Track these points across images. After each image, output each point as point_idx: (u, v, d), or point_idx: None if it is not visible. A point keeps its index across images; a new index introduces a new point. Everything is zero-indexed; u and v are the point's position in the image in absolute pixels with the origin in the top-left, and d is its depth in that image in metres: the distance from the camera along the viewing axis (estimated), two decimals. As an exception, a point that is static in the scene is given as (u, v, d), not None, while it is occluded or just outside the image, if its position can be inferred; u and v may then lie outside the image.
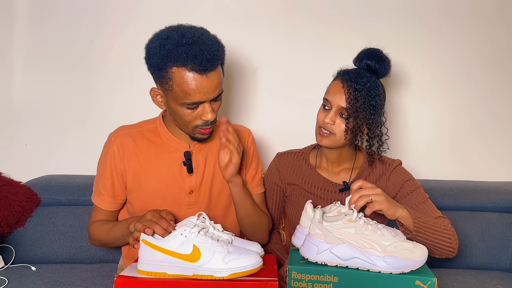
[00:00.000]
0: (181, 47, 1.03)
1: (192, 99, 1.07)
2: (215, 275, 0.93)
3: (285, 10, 1.75)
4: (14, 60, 1.74)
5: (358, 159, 1.34)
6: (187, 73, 1.04)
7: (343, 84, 1.19)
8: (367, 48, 1.26)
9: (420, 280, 0.92)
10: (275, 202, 1.39)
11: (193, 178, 1.23)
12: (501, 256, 1.59)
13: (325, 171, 1.34)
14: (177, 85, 1.05)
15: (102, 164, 1.24)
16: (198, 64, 1.03)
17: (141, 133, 1.24)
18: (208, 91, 1.07)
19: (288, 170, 1.36)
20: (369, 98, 1.18)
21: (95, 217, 1.27)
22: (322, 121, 1.22)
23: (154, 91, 1.15)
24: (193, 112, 1.10)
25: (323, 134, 1.23)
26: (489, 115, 1.82)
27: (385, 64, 1.23)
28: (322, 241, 0.96)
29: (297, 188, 1.34)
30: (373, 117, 1.19)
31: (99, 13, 1.73)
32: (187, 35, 1.04)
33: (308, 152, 1.38)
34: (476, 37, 1.79)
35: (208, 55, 1.03)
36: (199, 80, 1.05)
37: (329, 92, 1.22)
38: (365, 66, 1.23)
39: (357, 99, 1.17)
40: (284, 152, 1.41)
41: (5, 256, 1.47)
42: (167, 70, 1.05)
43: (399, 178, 1.29)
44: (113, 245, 1.25)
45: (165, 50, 1.04)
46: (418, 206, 1.24)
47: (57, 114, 1.77)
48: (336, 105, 1.20)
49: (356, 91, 1.17)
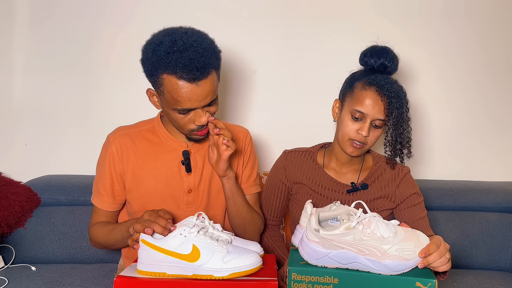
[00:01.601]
0: (172, 55, 1.02)
1: (183, 106, 1.07)
2: (214, 275, 0.93)
3: (284, 10, 1.74)
4: (14, 60, 1.74)
5: (366, 160, 1.34)
6: (177, 81, 1.04)
7: (381, 96, 1.15)
8: (377, 46, 1.22)
9: (421, 282, 0.91)
10: (278, 199, 1.38)
11: (191, 177, 1.23)
12: (501, 256, 1.59)
13: (333, 171, 1.33)
14: (168, 91, 1.06)
15: (101, 165, 1.24)
16: (187, 72, 1.02)
17: (139, 133, 1.24)
18: (199, 98, 1.06)
19: (295, 168, 1.35)
20: (404, 105, 1.16)
21: (95, 218, 1.27)
22: (356, 134, 1.18)
23: (150, 92, 1.15)
24: (186, 117, 1.10)
25: (357, 146, 1.20)
26: (489, 115, 1.82)
27: (396, 62, 1.21)
28: (320, 247, 0.95)
29: (304, 187, 1.33)
30: (406, 124, 1.18)
31: (99, 13, 1.73)
32: (179, 42, 1.03)
33: (315, 151, 1.37)
34: (477, 37, 1.78)
35: (197, 64, 1.02)
36: (189, 88, 1.04)
37: (364, 104, 1.16)
38: (378, 64, 1.19)
39: (396, 109, 1.14)
40: (292, 150, 1.39)
41: (5, 256, 1.47)
42: (158, 76, 1.05)
43: (407, 188, 1.28)
44: (114, 247, 1.25)
45: (156, 57, 1.04)
46: (416, 221, 1.26)
47: (57, 114, 1.77)
48: (372, 117, 1.16)
49: (394, 102, 1.14)
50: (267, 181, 1.41)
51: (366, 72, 1.22)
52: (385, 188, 1.29)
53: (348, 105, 1.21)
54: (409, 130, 1.20)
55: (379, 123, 1.18)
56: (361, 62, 1.25)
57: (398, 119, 1.16)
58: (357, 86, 1.20)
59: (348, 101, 1.21)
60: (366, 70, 1.23)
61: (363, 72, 1.23)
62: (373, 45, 1.24)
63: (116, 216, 1.30)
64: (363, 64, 1.25)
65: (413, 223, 1.26)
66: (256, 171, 1.36)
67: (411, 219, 1.26)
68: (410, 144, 1.22)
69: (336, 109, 1.28)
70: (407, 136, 1.20)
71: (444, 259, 0.94)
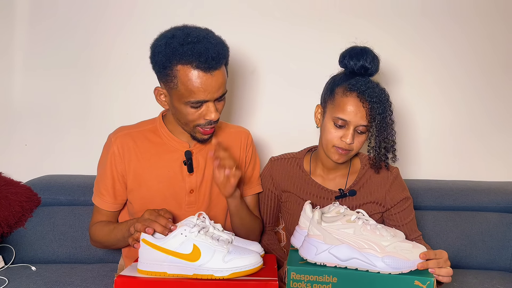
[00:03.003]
0: (187, 45, 1.04)
1: (197, 98, 1.07)
2: (215, 274, 0.93)
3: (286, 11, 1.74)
4: (14, 60, 1.74)
5: (353, 164, 1.31)
6: (192, 71, 1.05)
7: (363, 103, 1.12)
8: (356, 47, 1.18)
9: (419, 280, 0.92)
10: (269, 207, 1.38)
11: (193, 178, 1.23)
12: (501, 256, 1.59)
13: (319, 178, 1.31)
14: (182, 83, 1.06)
15: (102, 164, 1.24)
16: (203, 62, 1.04)
17: (141, 133, 1.24)
18: (213, 89, 1.07)
19: (281, 177, 1.33)
20: (387, 109, 1.13)
21: (96, 218, 1.27)
22: (340, 141, 1.16)
23: (158, 90, 1.15)
24: (197, 111, 1.10)
25: (342, 153, 1.17)
26: (489, 115, 1.82)
27: (377, 62, 1.17)
28: (321, 241, 0.96)
29: (292, 196, 1.32)
30: (390, 128, 1.15)
31: (99, 13, 1.73)
32: (192, 34, 1.06)
33: (302, 157, 1.35)
34: (476, 36, 1.79)
35: (213, 54, 1.04)
36: (204, 78, 1.05)
37: (346, 112, 1.13)
38: (358, 67, 1.15)
39: (379, 115, 1.12)
40: (278, 157, 1.37)
41: (5, 256, 1.47)
42: (172, 68, 1.06)
43: (398, 193, 1.27)
44: (114, 247, 1.25)
45: (171, 48, 1.04)
46: (404, 225, 1.26)
47: (57, 114, 1.77)
48: (355, 124, 1.14)
49: (376, 107, 1.11)
50: None
51: (346, 75, 1.18)
52: (375, 193, 1.27)
53: (329, 112, 1.18)
54: (393, 133, 1.17)
55: (363, 128, 1.15)
56: (341, 65, 1.21)
57: (382, 123, 1.13)
58: (337, 92, 1.16)
59: (330, 107, 1.18)
60: (346, 74, 1.19)
61: (343, 76, 1.19)
62: (352, 46, 1.19)
63: (117, 216, 1.30)
64: (343, 67, 1.20)
65: (403, 227, 1.26)
66: (258, 172, 1.36)
67: (401, 223, 1.26)
68: (395, 148, 1.19)
69: (318, 115, 1.25)
70: (392, 140, 1.17)
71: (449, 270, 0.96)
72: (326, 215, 1.05)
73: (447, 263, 0.97)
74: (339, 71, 1.24)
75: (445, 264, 0.96)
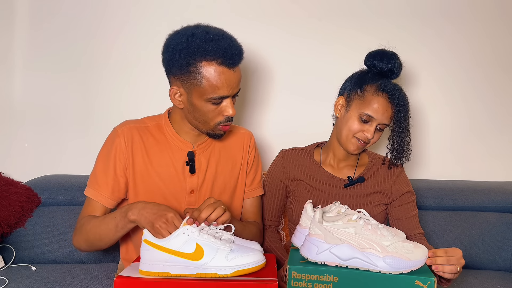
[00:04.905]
0: (210, 42, 1.05)
1: (220, 93, 1.09)
2: (219, 273, 0.93)
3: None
4: (15, 60, 1.74)
5: (362, 157, 1.39)
6: (217, 67, 1.07)
7: (391, 104, 1.22)
8: (386, 51, 1.26)
9: (420, 280, 0.92)
10: (276, 198, 1.40)
11: (194, 178, 1.23)
12: (501, 256, 1.59)
13: (330, 167, 1.36)
14: (206, 79, 1.07)
15: (105, 156, 1.21)
16: (228, 58, 1.06)
17: (146, 128, 1.23)
18: (234, 85, 1.10)
19: (293, 165, 1.37)
20: (407, 113, 1.23)
21: (86, 211, 1.20)
22: (361, 134, 1.24)
23: (173, 90, 1.14)
24: (217, 108, 1.12)
25: (360, 145, 1.25)
26: (489, 115, 1.83)
27: (401, 69, 1.26)
28: (322, 241, 0.96)
29: (301, 183, 1.35)
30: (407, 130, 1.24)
31: (99, 14, 1.73)
32: (211, 32, 1.08)
33: (312, 149, 1.40)
34: (477, 37, 1.79)
35: (235, 50, 1.07)
36: (228, 74, 1.08)
37: (374, 109, 1.22)
38: (387, 70, 1.23)
39: (402, 117, 1.22)
40: (288, 149, 1.42)
41: (5, 256, 1.47)
42: (196, 65, 1.06)
43: (402, 187, 1.33)
44: (100, 242, 1.15)
45: (194, 45, 1.06)
46: (408, 218, 1.31)
47: (57, 114, 1.77)
48: (379, 122, 1.22)
49: (402, 111, 1.21)
50: (264, 181, 1.42)
51: (374, 75, 1.25)
52: (381, 184, 1.32)
53: (356, 106, 1.24)
54: (409, 135, 1.26)
55: (383, 127, 1.24)
56: (367, 63, 1.28)
57: (403, 126, 1.23)
58: (368, 90, 1.23)
59: (357, 102, 1.24)
60: (374, 73, 1.26)
61: (372, 75, 1.26)
62: (382, 49, 1.28)
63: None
64: (370, 66, 1.28)
65: (405, 220, 1.30)
66: (260, 174, 1.37)
67: (404, 216, 1.31)
68: (410, 149, 1.28)
69: (340, 106, 1.30)
70: (408, 142, 1.27)
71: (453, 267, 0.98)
72: (327, 214, 1.05)
73: (460, 261, 1.00)
74: (360, 68, 1.31)
75: (457, 262, 0.99)
